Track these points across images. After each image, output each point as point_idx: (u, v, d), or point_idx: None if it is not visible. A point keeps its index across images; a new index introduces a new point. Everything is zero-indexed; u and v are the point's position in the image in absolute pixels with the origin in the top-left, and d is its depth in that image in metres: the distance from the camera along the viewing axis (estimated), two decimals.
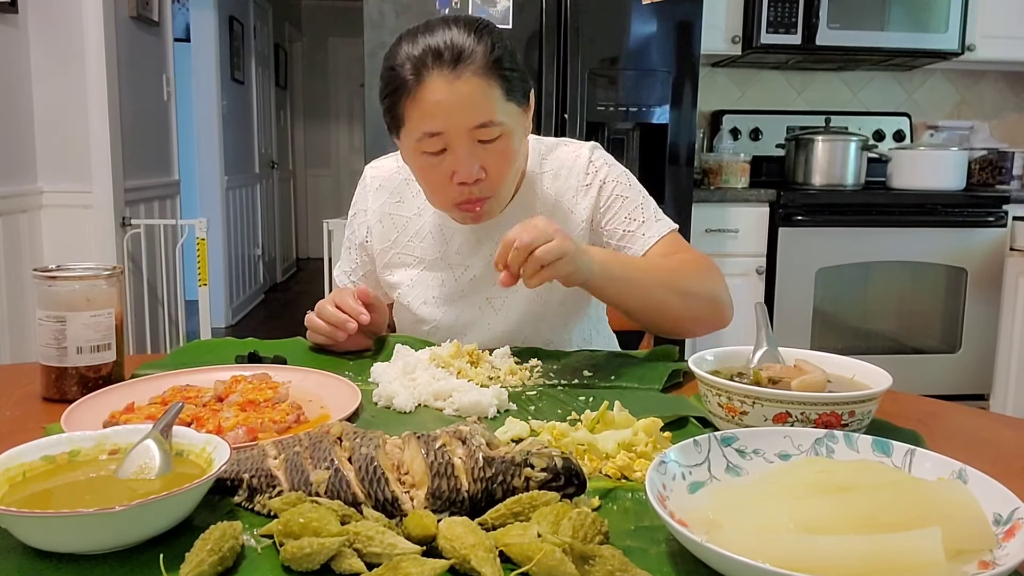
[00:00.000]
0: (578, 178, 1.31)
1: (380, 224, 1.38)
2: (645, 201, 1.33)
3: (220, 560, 0.56)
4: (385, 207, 1.38)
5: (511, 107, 1.16)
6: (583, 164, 1.31)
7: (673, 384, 1.07)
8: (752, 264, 3.13)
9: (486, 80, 1.12)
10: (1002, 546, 0.56)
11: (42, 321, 0.99)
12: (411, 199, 1.37)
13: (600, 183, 1.31)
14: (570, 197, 1.31)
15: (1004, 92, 3.85)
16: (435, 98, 1.11)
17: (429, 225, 1.35)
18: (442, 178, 1.18)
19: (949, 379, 3.21)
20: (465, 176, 1.15)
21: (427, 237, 1.35)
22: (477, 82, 1.12)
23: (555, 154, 1.34)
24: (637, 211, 1.30)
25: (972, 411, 1.03)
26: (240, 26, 5.72)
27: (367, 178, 1.41)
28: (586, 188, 1.31)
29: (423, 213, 1.36)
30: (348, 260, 1.44)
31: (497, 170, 1.18)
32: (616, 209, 1.30)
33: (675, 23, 2.78)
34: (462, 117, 1.12)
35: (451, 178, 1.17)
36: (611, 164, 1.34)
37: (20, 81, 2.92)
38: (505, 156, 1.17)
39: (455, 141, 1.14)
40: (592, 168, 1.31)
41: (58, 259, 2.92)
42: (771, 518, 0.58)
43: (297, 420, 0.88)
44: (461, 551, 0.56)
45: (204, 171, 5.24)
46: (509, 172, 1.20)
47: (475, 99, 1.12)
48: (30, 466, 0.68)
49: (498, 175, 1.18)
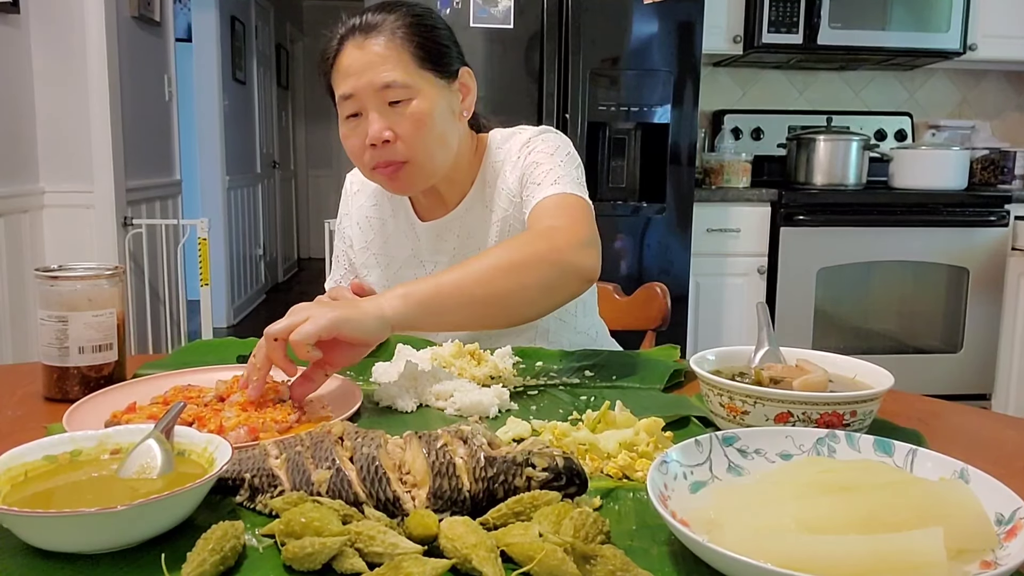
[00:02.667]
0: (514, 156, 1.30)
1: (359, 227, 1.42)
2: (558, 167, 1.25)
3: (222, 560, 0.56)
4: (363, 210, 1.42)
5: (427, 75, 1.20)
6: (519, 145, 1.30)
7: (674, 384, 1.07)
8: (753, 264, 3.13)
9: (396, 44, 1.18)
10: (1004, 546, 0.56)
11: (44, 321, 0.99)
12: (385, 202, 1.40)
13: (526, 155, 1.28)
14: (505, 177, 1.30)
15: (1006, 91, 3.85)
16: (347, 62, 1.19)
17: (401, 224, 1.38)
18: (359, 143, 1.21)
19: (951, 379, 3.20)
20: (372, 136, 1.18)
21: (400, 237, 1.38)
22: (385, 44, 1.18)
23: (506, 144, 1.33)
24: (543, 173, 1.24)
25: (974, 411, 1.03)
26: (242, 26, 5.73)
27: (347, 184, 1.46)
28: (515, 163, 1.29)
29: (396, 214, 1.39)
30: (338, 268, 1.47)
31: (408, 133, 1.19)
32: (528, 175, 1.26)
33: (676, 23, 2.78)
34: (369, 76, 1.17)
35: (365, 142, 1.20)
36: (547, 140, 1.29)
37: (22, 81, 2.93)
38: (417, 120, 1.19)
39: (365, 102, 1.18)
40: (525, 149, 1.29)
41: (60, 259, 2.93)
42: (772, 518, 0.58)
43: (299, 420, 0.88)
44: (462, 551, 0.56)
45: (205, 171, 5.24)
46: (421, 136, 1.19)
47: (383, 59, 1.17)
48: (32, 466, 0.68)
49: (410, 138, 1.19)
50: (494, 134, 1.36)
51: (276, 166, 7.00)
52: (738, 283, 3.15)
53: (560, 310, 1.31)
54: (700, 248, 3.00)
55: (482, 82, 1.36)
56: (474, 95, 1.29)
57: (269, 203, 6.71)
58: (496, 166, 1.32)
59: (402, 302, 0.96)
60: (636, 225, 2.89)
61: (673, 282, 2.78)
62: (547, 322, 1.35)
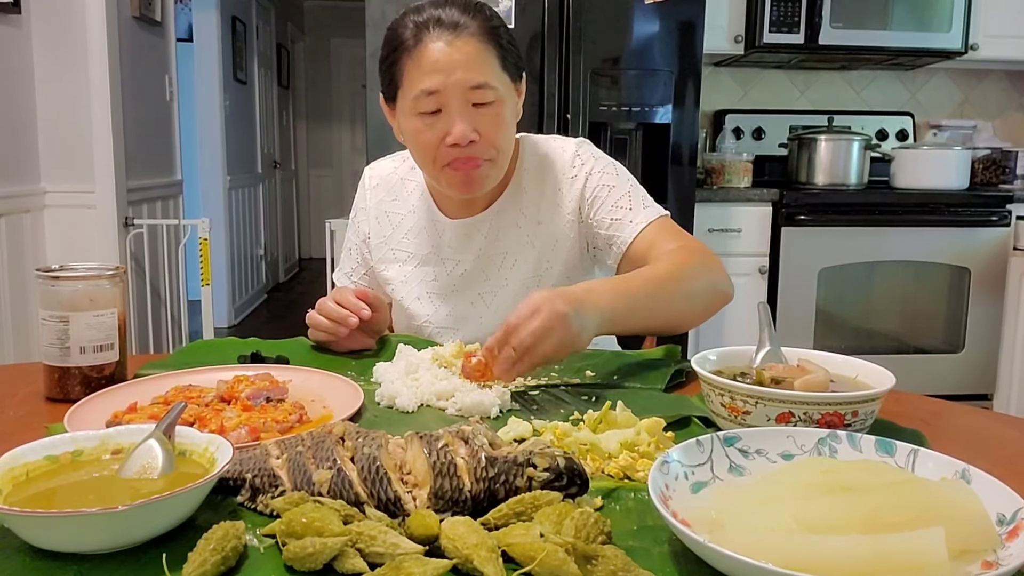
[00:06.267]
0: (563, 171, 1.32)
1: (377, 221, 1.42)
2: (633, 189, 1.32)
3: (223, 560, 0.56)
4: (382, 204, 1.42)
5: (505, 78, 1.21)
6: (569, 158, 1.33)
7: (676, 384, 1.07)
8: (755, 264, 3.13)
9: (484, 45, 1.18)
10: (1005, 546, 0.56)
11: (45, 321, 0.99)
12: (406, 197, 1.40)
13: (586, 175, 1.31)
14: (556, 191, 1.32)
15: (1007, 91, 3.85)
16: (434, 56, 1.16)
17: (423, 221, 1.38)
18: (435, 140, 1.20)
19: (952, 379, 3.20)
20: (458, 136, 1.17)
21: (420, 233, 1.38)
22: (475, 44, 1.17)
23: (543, 150, 1.35)
24: (624, 199, 1.30)
25: (975, 411, 1.02)
26: (243, 26, 5.73)
27: (366, 178, 1.46)
28: (571, 180, 1.32)
29: (417, 210, 1.39)
30: (349, 261, 1.47)
31: (491, 134, 1.20)
32: (603, 199, 1.30)
33: (677, 23, 2.78)
34: (459, 76, 1.16)
35: (443, 140, 1.19)
36: (597, 157, 1.35)
37: (23, 81, 2.93)
38: (498, 121, 1.21)
39: (451, 100, 1.17)
40: (578, 161, 1.33)
41: (61, 259, 2.93)
42: (774, 518, 0.58)
43: (300, 420, 0.88)
44: (463, 551, 0.56)
45: (206, 171, 5.24)
46: (502, 138, 1.22)
47: (472, 60, 1.17)
48: (33, 466, 0.68)
49: (492, 138, 1.21)
50: (526, 139, 1.37)
51: (277, 166, 7.00)
52: (739, 283, 3.12)
53: None
54: None
55: None
56: (523, 98, 1.31)
57: (270, 203, 6.72)
58: (533, 173, 1.33)
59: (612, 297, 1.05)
60: None
61: None
62: None
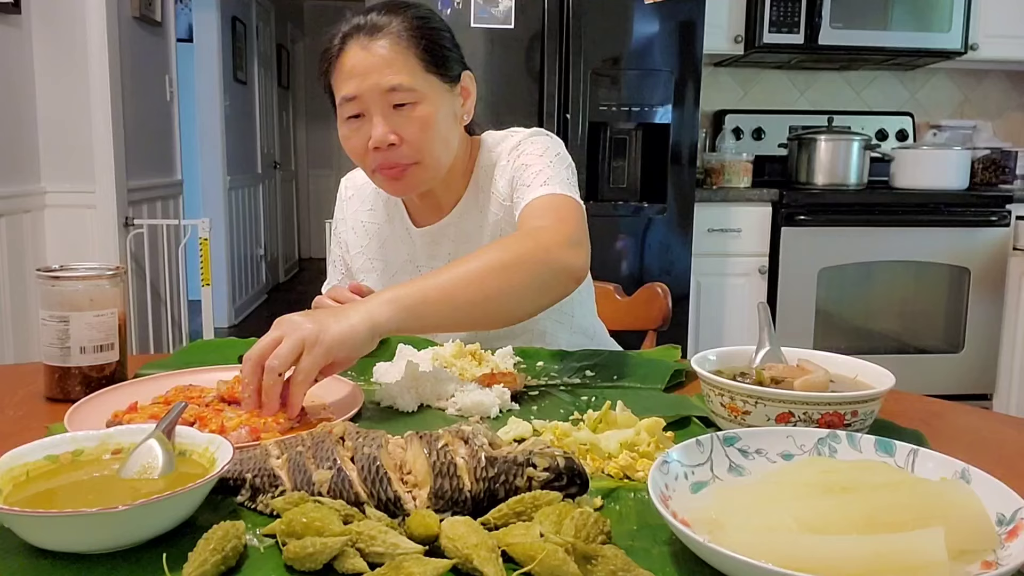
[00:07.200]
0: (504, 160, 1.29)
1: (354, 231, 1.42)
2: (547, 168, 1.24)
3: (223, 560, 0.56)
4: (358, 215, 1.42)
5: (431, 79, 1.19)
6: (509, 147, 1.30)
7: (675, 384, 1.07)
8: (755, 264, 3.13)
9: (401, 47, 1.17)
10: (1005, 546, 0.56)
11: (45, 321, 0.99)
12: (381, 207, 1.40)
13: (515, 158, 1.28)
14: (501, 180, 1.29)
15: (1007, 91, 3.85)
16: (351, 63, 1.17)
17: (397, 230, 1.38)
18: (361, 145, 1.20)
19: (952, 379, 3.20)
20: (377, 139, 1.17)
21: (396, 242, 1.38)
22: (391, 47, 1.16)
23: (496, 146, 1.33)
24: (531, 176, 1.23)
25: (975, 411, 1.02)
26: (243, 26, 5.73)
27: (342, 189, 1.46)
28: (503, 167, 1.29)
29: (392, 219, 1.39)
30: (335, 272, 1.48)
31: (413, 137, 1.18)
32: (518, 179, 1.26)
33: (677, 23, 2.78)
34: (375, 79, 1.16)
35: (367, 144, 1.19)
36: (536, 143, 1.28)
37: (23, 81, 2.93)
38: (423, 123, 1.18)
39: (369, 104, 1.17)
40: (517, 151, 1.29)
41: (61, 259, 2.93)
42: (774, 518, 0.58)
43: (300, 420, 0.88)
44: (463, 551, 0.56)
45: (207, 171, 5.24)
46: (427, 139, 1.19)
47: (388, 62, 1.16)
48: (34, 465, 0.68)
49: (415, 141, 1.19)
50: (486, 137, 1.35)
51: (277, 166, 7.00)
52: (739, 283, 3.15)
53: (556, 310, 1.31)
54: (701, 248, 3.00)
55: (482, 83, 1.36)
56: (474, 99, 1.29)
57: (270, 203, 6.72)
58: (488, 169, 1.32)
59: (391, 308, 0.94)
60: (637, 225, 2.89)
61: (674, 282, 2.78)
62: (543, 323, 1.34)
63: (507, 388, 0.97)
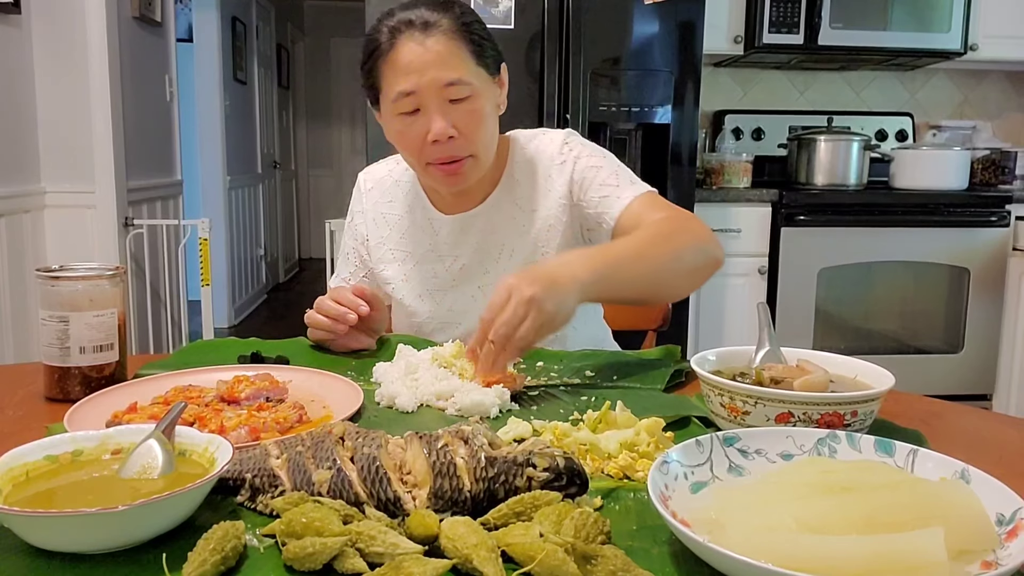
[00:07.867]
0: (553, 159, 1.34)
1: (374, 222, 1.43)
2: (620, 169, 1.33)
3: (223, 560, 0.56)
4: (378, 206, 1.44)
5: (481, 72, 1.23)
6: (557, 146, 1.35)
7: (675, 384, 1.07)
8: (754, 264, 3.13)
9: (455, 42, 1.20)
10: (1005, 546, 0.56)
11: (45, 321, 0.99)
12: (401, 198, 1.42)
13: (574, 159, 1.33)
14: (547, 178, 1.34)
15: (1007, 92, 3.85)
16: (407, 58, 1.19)
17: (419, 220, 1.40)
18: (417, 139, 1.22)
19: (952, 379, 3.20)
20: (437, 133, 1.19)
21: (417, 232, 1.40)
22: (446, 42, 1.19)
23: (532, 142, 1.38)
24: (611, 177, 1.31)
25: (975, 411, 1.03)
26: (243, 26, 5.73)
27: (361, 181, 1.48)
28: (560, 166, 1.34)
29: (413, 210, 1.41)
30: (347, 266, 1.48)
31: (469, 129, 1.22)
32: (591, 179, 1.32)
33: (677, 23, 2.78)
34: (433, 74, 1.18)
35: (424, 139, 1.21)
36: (585, 144, 1.37)
37: (23, 81, 2.93)
38: (476, 116, 1.22)
39: (427, 99, 1.19)
40: (566, 148, 1.35)
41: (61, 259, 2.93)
42: (773, 518, 0.58)
43: (299, 420, 0.88)
44: (463, 551, 0.56)
45: (206, 171, 5.24)
46: (481, 132, 1.24)
47: (445, 58, 1.19)
48: (33, 466, 0.68)
49: (471, 133, 1.22)
50: (516, 134, 1.40)
51: (277, 166, 7.00)
52: (739, 283, 3.15)
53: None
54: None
55: None
56: (507, 89, 1.33)
57: (270, 203, 6.72)
58: (524, 165, 1.35)
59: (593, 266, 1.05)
60: None
61: None
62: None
63: (507, 388, 0.97)
